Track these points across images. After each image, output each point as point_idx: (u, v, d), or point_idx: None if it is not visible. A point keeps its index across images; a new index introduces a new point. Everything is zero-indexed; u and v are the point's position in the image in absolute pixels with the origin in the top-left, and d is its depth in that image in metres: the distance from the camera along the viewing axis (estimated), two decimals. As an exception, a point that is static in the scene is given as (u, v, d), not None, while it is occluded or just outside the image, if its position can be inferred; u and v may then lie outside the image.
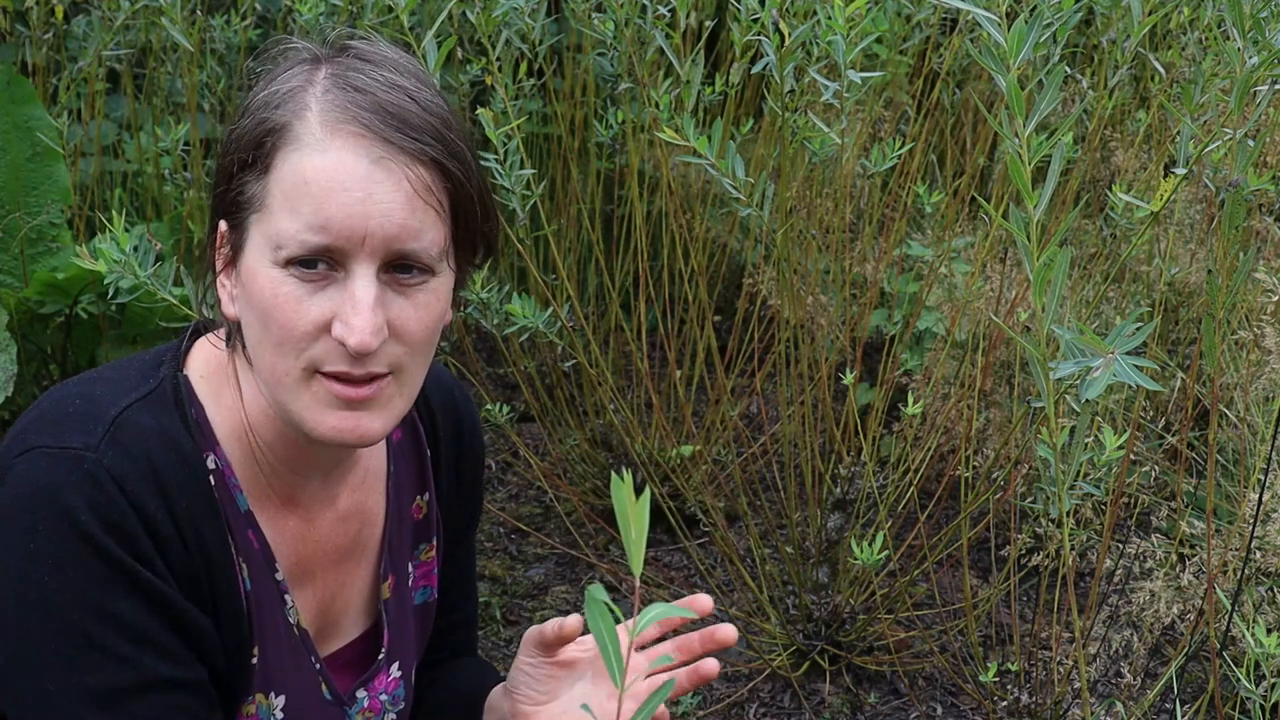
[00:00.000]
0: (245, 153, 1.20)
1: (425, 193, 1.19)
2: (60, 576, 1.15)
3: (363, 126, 1.17)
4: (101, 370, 1.30)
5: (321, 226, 1.16)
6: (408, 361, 1.22)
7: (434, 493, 1.49)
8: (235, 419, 1.29)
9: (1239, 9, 1.50)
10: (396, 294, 1.20)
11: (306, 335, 1.18)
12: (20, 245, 2.63)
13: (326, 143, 1.17)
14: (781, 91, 2.02)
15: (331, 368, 1.19)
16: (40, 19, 2.91)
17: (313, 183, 1.16)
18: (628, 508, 0.67)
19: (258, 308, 1.19)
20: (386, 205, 1.17)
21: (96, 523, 1.15)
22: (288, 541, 1.34)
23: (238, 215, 1.22)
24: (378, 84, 1.20)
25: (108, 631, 1.17)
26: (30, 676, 1.16)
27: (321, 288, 1.18)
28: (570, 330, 2.51)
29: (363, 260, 1.17)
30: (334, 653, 1.42)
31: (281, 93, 1.21)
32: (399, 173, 1.17)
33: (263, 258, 1.19)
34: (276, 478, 1.32)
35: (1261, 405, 2.54)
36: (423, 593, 1.50)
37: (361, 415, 1.21)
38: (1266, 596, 2.32)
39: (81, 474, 1.16)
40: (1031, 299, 1.32)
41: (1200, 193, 2.93)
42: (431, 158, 1.19)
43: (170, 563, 1.20)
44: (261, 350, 1.21)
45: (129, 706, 1.18)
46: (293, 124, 1.19)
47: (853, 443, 2.57)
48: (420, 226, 1.19)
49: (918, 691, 2.57)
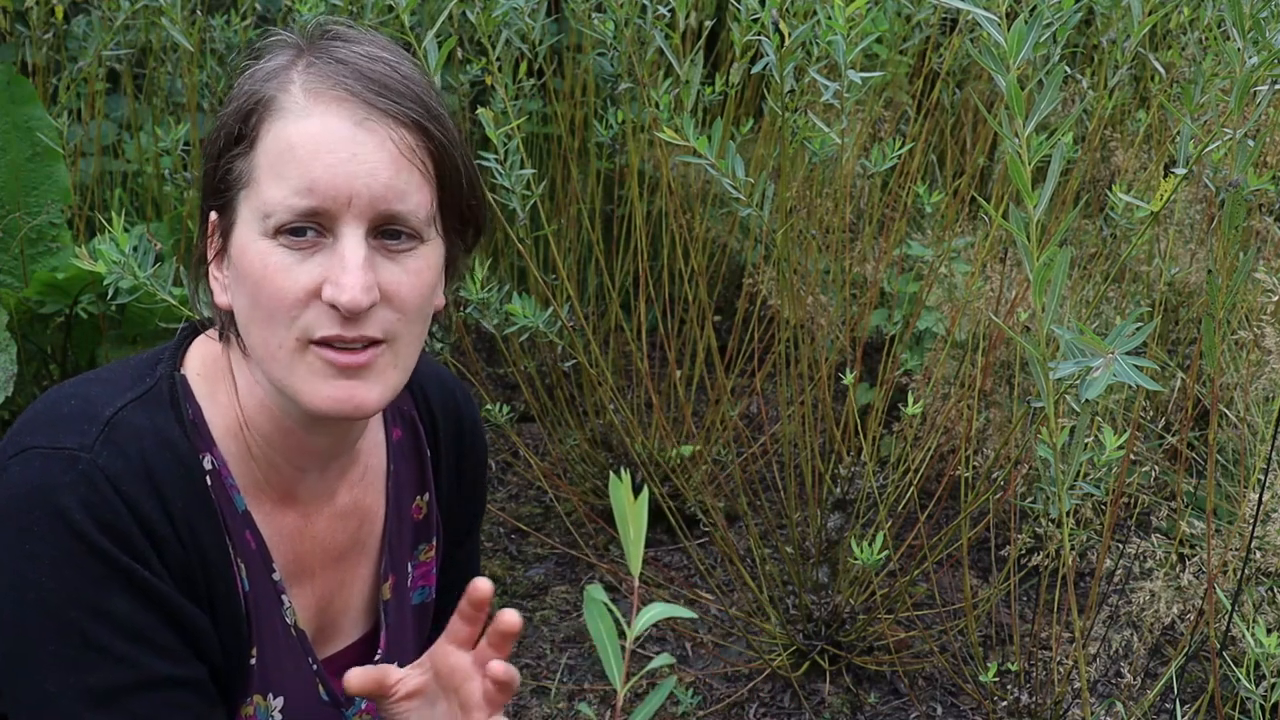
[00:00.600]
0: (230, 130, 1.22)
1: (409, 153, 1.20)
2: (57, 576, 1.16)
3: (345, 91, 1.19)
4: (98, 371, 1.31)
5: (308, 189, 1.17)
6: (402, 330, 1.23)
7: (434, 493, 1.49)
8: (231, 415, 1.29)
9: (1239, 9, 1.50)
10: (386, 259, 1.21)
11: (297, 302, 1.18)
12: (20, 245, 2.63)
13: (310, 109, 1.19)
14: (781, 91, 2.02)
15: (324, 333, 1.19)
16: (40, 19, 2.91)
17: (298, 146, 1.18)
18: (626, 508, 0.67)
19: (248, 282, 1.20)
20: (371, 165, 1.18)
21: (91, 522, 1.16)
22: (285, 539, 1.34)
23: (226, 195, 1.23)
24: (359, 56, 1.22)
25: (105, 630, 1.17)
26: (29, 677, 1.16)
27: (310, 254, 1.18)
28: (570, 330, 2.51)
29: (350, 223, 1.18)
30: (334, 655, 1.41)
31: (264, 71, 1.23)
32: (382, 133, 1.19)
33: (252, 231, 1.20)
34: (274, 472, 1.32)
35: (1261, 405, 2.54)
36: (420, 593, 1.50)
37: (357, 385, 1.21)
38: (1266, 596, 2.32)
39: (76, 474, 1.16)
40: (1031, 299, 1.32)
41: (1200, 193, 2.93)
42: (413, 119, 1.20)
43: (167, 562, 1.20)
44: (254, 326, 1.21)
45: (128, 705, 1.18)
46: (277, 96, 1.20)
47: (853, 443, 2.57)
48: (406, 188, 1.20)
49: (918, 691, 2.57)
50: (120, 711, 1.17)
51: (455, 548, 1.53)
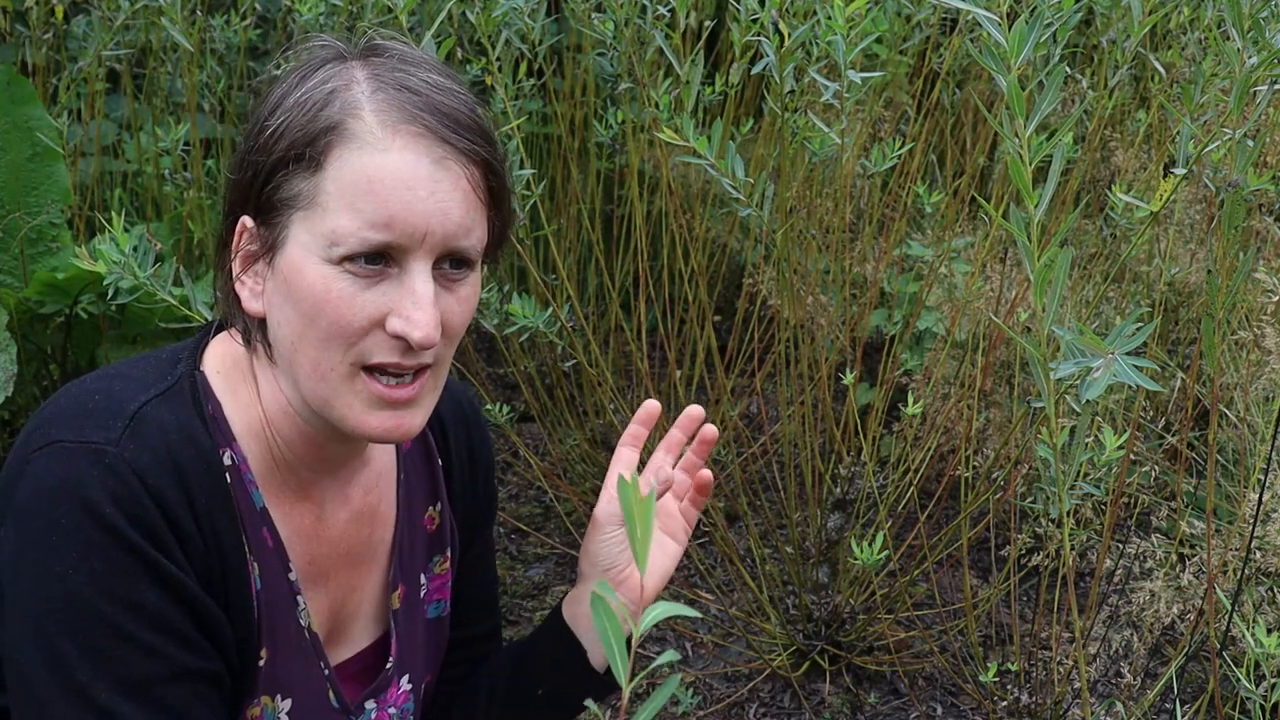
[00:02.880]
0: (293, 150, 1.21)
1: (478, 191, 1.23)
2: (85, 569, 1.16)
3: (423, 127, 1.20)
4: (119, 366, 1.31)
5: (385, 224, 1.18)
6: (445, 353, 1.27)
7: (446, 502, 1.49)
8: (253, 415, 1.30)
9: (1239, 9, 1.51)
10: (444, 289, 1.23)
11: (359, 330, 1.20)
12: (20, 245, 2.63)
13: (388, 142, 1.19)
14: (781, 92, 2.02)
15: (380, 359, 1.21)
16: (40, 19, 2.91)
17: (376, 181, 1.18)
18: (634, 507, 0.67)
19: (305, 303, 1.20)
20: (446, 204, 1.20)
21: (120, 515, 1.16)
22: (302, 540, 1.34)
23: (276, 213, 1.23)
24: (426, 85, 1.23)
25: (135, 622, 1.17)
26: (58, 669, 1.17)
27: (375, 283, 1.20)
28: (570, 330, 2.51)
29: (420, 257, 1.20)
30: (344, 662, 1.41)
31: (325, 91, 1.22)
32: (457, 171, 1.21)
33: (310, 254, 1.20)
34: (292, 474, 1.32)
35: (1261, 405, 2.54)
36: (436, 606, 1.50)
37: (404, 414, 1.24)
38: (1266, 596, 2.32)
39: (103, 468, 1.17)
40: (1032, 299, 1.32)
41: (1200, 193, 2.93)
42: (483, 158, 1.23)
43: (190, 555, 1.21)
44: (304, 345, 1.22)
45: (159, 695, 1.18)
46: (347, 122, 1.20)
47: (853, 443, 2.57)
48: (473, 224, 1.23)
49: (918, 691, 2.57)
50: (151, 702, 1.18)
51: (467, 549, 1.54)
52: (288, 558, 1.31)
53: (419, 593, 1.47)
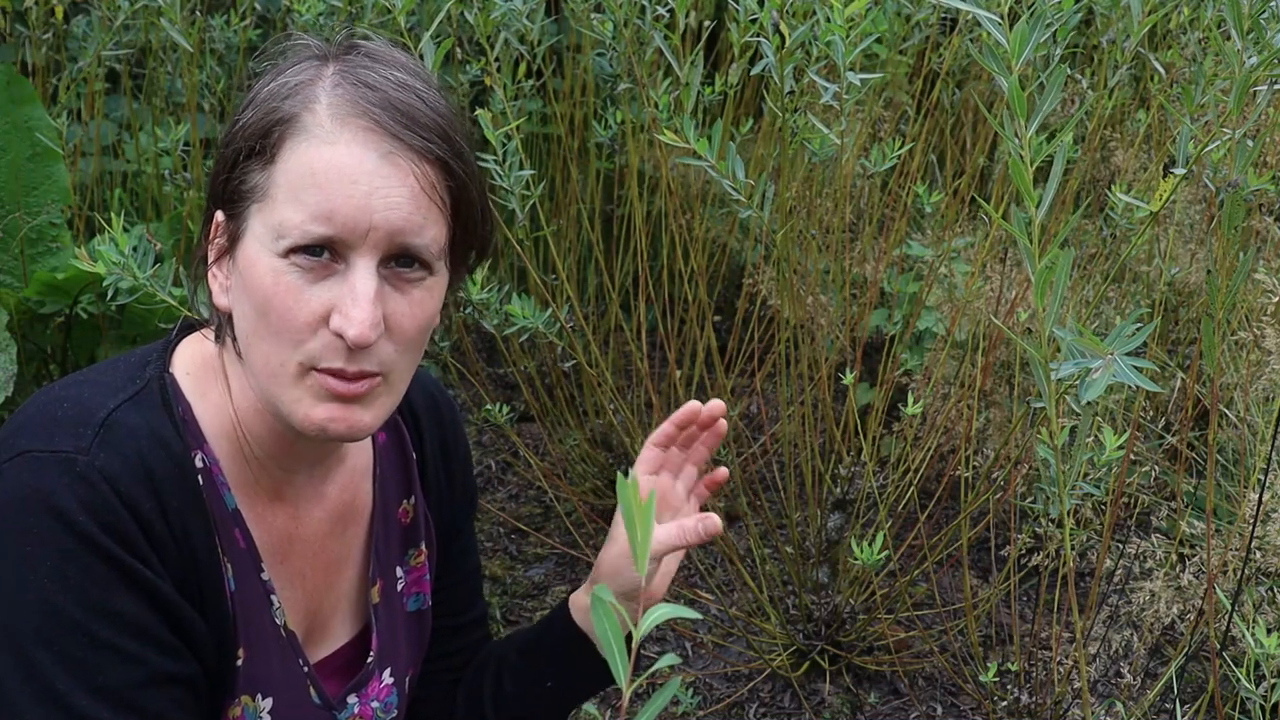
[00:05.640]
0: (250, 142, 1.20)
1: (430, 189, 1.20)
2: (59, 578, 1.15)
3: (372, 121, 1.18)
4: (88, 372, 1.30)
5: (326, 217, 1.16)
6: (398, 361, 1.23)
7: (420, 496, 1.49)
8: (224, 415, 1.29)
9: (1239, 9, 1.50)
10: (394, 289, 1.21)
11: (306, 326, 1.18)
12: (20, 245, 2.63)
13: (335, 135, 1.18)
14: (781, 92, 2.02)
15: (327, 364, 1.19)
16: (40, 19, 2.91)
17: (319, 173, 1.17)
18: (634, 507, 0.67)
19: (256, 296, 1.19)
20: (392, 199, 1.18)
21: (93, 523, 1.15)
22: (275, 539, 1.34)
23: (238, 205, 1.22)
24: (387, 82, 1.20)
25: (111, 629, 1.17)
26: (35, 679, 1.16)
27: (321, 278, 1.18)
28: (570, 330, 2.51)
29: (364, 253, 1.18)
30: (325, 659, 1.41)
31: (290, 85, 1.21)
32: (406, 168, 1.18)
33: (263, 247, 1.19)
34: (265, 473, 1.32)
35: (1261, 405, 2.54)
36: (415, 600, 1.50)
37: (352, 408, 1.22)
38: (1266, 596, 2.32)
39: (74, 476, 1.16)
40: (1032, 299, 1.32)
41: (1200, 193, 2.93)
42: (437, 156, 1.20)
43: (164, 561, 1.20)
44: (257, 340, 1.21)
45: (138, 702, 1.18)
46: (301, 115, 1.19)
47: (853, 443, 2.57)
48: (423, 223, 1.20)
49: (918, 691, 2.57)
50: (129, 709, 1.17)
51: (450, 543, 1.53)
52: (259, 558, 1.31)
53: (396, 586, 1.47)
